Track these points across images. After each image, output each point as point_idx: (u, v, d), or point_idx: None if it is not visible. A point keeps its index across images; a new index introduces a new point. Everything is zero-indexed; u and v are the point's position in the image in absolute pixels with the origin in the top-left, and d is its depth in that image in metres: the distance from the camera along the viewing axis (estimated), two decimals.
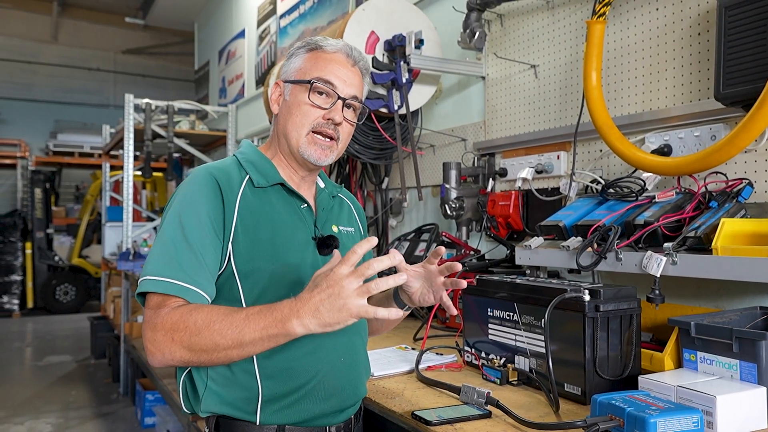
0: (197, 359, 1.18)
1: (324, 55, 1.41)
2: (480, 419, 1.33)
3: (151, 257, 1.26)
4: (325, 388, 1.32)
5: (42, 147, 11.64)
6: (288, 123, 1.40)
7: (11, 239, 10.00)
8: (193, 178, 1.34)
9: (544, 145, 2.41)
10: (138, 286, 1.24)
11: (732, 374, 1.27)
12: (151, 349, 1.19)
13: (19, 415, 4.85)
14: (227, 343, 1.13)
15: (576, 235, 1.84)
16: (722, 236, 1.46)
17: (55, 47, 12.19)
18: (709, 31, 1.82)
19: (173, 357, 1.18)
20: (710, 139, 1.80)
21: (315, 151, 1.38)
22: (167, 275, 1.22)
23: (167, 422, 4.05)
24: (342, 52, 1.42)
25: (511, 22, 2.61)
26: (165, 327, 1.17)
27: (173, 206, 1.30)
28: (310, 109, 1.38)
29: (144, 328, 1.20)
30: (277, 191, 1.39)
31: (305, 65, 1.41)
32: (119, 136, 5.98)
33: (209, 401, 1.30)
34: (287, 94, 1.42)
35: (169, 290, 1.21)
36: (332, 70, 1.39)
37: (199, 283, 1.24)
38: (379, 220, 3.38)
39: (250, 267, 1.29)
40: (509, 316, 1.64)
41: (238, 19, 6.60)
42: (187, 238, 1.25)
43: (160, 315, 1.19)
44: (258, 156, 1.43)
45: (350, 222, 1.56)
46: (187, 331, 1.15)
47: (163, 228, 1.29)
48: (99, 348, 6.63)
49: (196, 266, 1.24)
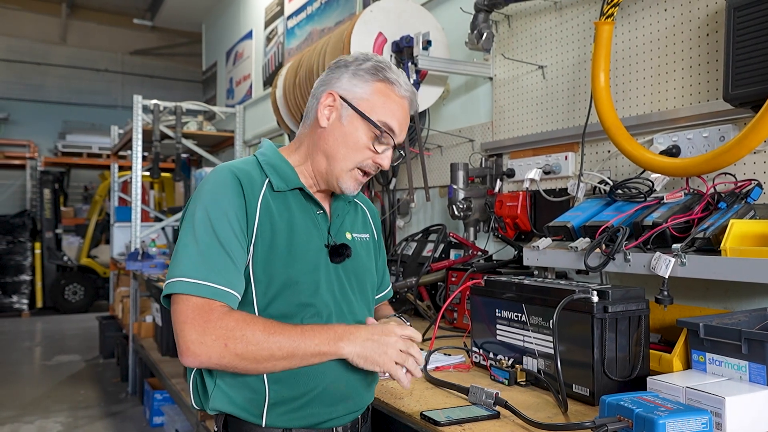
0: (242, 366, 1.21)
1: (395, 97, 1.36)
2: (488, 420, 1.33)
3: (183, 257, 1.23)
4: (333, 393, 1.32)
5: (51, 148, 11.71)
6: (339, 152, 1.35)
7: (20, 239, 10.06)
8: (217, 177, 1.31)
9: (552, 145, 2.41)
10: (170, 286, 1.22)
11: (741, 375, 1.27)
12: (195, 351, 1.18)
13: (30, 414, 4.89)
14: (282, 354, 1.20)
15: (584, 236, 1.84)
16: (731, 237, 1.46)
17: (64, 48, 12.26)
18: (718, 31, 1.82)
19: (220, 362, 1.19)
20: (719, 140, 1.79)
21: (352, 185, 1.37)
22: (205, 278, 1.21)
23: (176, 422, 4.07)
24: (408, 100, 1.38)
25: (519, 23, 2.61)
26: (217, 333, 1.18)
27: (200, 204, 1.28)
28: (367, 150, 1.35)
29: (185, 329, 1.19)
30: (295, 195, 1.37)
31: (374, 99, 1.35)
32: (127, 136, 6.01)
33: (217, 400, 1.30)
34: (344, 118, 1.35)
35: (211, 294, 1.20)
36: (398, 118, 1.36)
37: (234, 284, 1.24)
38: (387, 221, 3.39)
39: (266, 272, 1.29)
40: (517, 317, 1.64)
41: (246, 20, 6.62)
42: (219, 238, 1.24)
43: (210, 320, 1.19)
44: (279, 159, 1.40)
45: (365, 228, 1.54)
46: (244, 340, 1.18)
47: (193, 226, 1.25)
48: (108, 347, 6.67)
49: (231, 267, 1.24)
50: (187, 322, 1.19)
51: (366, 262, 1.48)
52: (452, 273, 2.52)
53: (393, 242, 3.33)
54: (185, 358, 1.20)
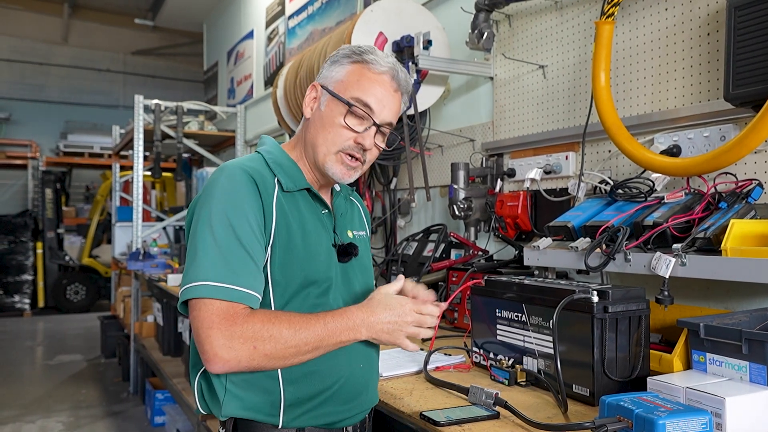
0: (270, 365, 1.21)
1: (369, 74, 1.34)
2: (488, 420, 1.33)
3: (203, 259, 1.20)
4: (346, 392, 1.33)
5: (52, 147, 11.73)
6: (318, 136, 1.35)
7: (22, 239, 10.08)
8: (231, 176, 1.27)
9: (552, 145, 2.40)
10: (190, 290, 1.19)
11: (741, 376, 1.27)
12: (224, 357, 1.16)
13: (31, 414, 4.90)
14: (307, 348, 1.22)
15: (584, 236, 1.84)
16: (732, 237, 1.46)
17: (66, 48, 12.28)
18: (719, 31, 1.82)
19: (250, 364, 1.19)
20: (720, 139, 1.79)
21: (340, 170, 1.35)
22: (228, 281, 1.19)
23: (177, 421, 4.07)
24: (388, 75, 1.35)
25: (520, 22, 2.60)
26: (245, 336, 1.17)
27: (216, 205, 1.24)
28: (343, 130, 1.33)
29: (212, 335, 1.16)
30: (303, 195, 1.37)
31: (348, 79, 1.34)
32: (129, 136, 6.02)
33: (230, 405, 1.27)
34: (323, 104, 1.36)
35: (235, 298, 1.19)
36: (374, 92, 1.33)
37: (255, 286, 1.23)
38: (388, 221, 3.39)
39: (283, 273, 1.28)
40: (517, 317, 1.64)
41: (247, 20, 6.62)
42: (240, 239, 1.21)
43: (236, 323, 1.17)
44: (285, 158, 1.39)
45: (361, 225, 1.55)
46: (272, 340, 1.18)
47: (210, 228, 1.22)
48: (109, 347, 6.67)
49: (253, 269, 1.22)
50: (213, 327, 1.16)
51: (365, 259, 1.49)
52: (453, 273, 2.52)
53: (394, 242, 3.33)
54: (214, 365, 1.17)
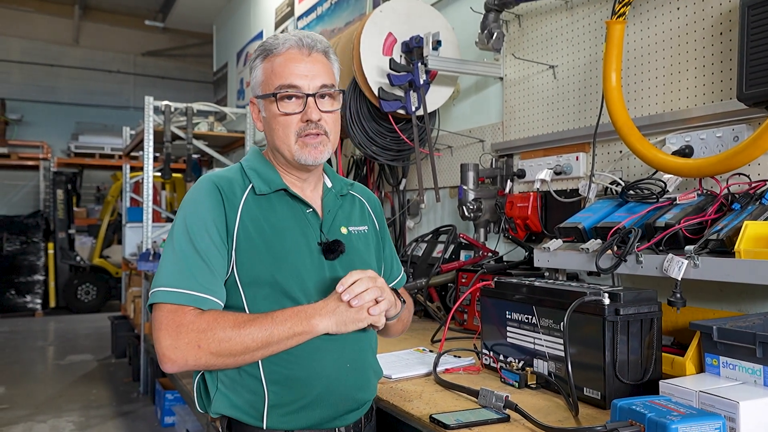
0: (222, 363, 1.24)
1: (277, 59, 1.37)
2: (498, 423, 1.32)
3: (162, 267, 1.30)
4: (332, 394, 1.32)
5: (64, 148, 11.82)
6: (275, 138, 1.39)
7: (34, 239, 10.16)
8: (196, 187, 1.37)
9: (563, 146, 2.39)
10: (151, 296, 1.27)
11: (755, 379, 1.25)
12: (171, 357, 1.22)
13: (42, 413, 4.93)
14: (256, 344, 1.23)
15: (595, 238, 1.83)
16: (745, 239, 1.44)
17: (77, 50, 12.36)
18: (732, 30, 1.80)
19: (197, 363, 1.23)
20: (733, 140, 1.77)
21: (310, 153, 1.37)
22: (181, 286, 1.26)
23: (186, 422, 4.09)
24: (294, 48, 1.37)
25: (530, 22, 2.59)
26: (190, 336, 1.21)
27: (180, 216, 1.34)
28: (285, 119, 1.37)
29: (159, 336, 1.23)
30: (280, 197, 1.39)
31: (265, 76, 1.39)
32: (139, 137, 6.04)
33: (219, 403, 1.32)
34: (263, 110, 1.42)
35: (184, 301, 1.25)
36: (290, 70, 1.36)
37: (212, 290, 1.27)
38: (397, 222, 3.38)
39: (252, 275, 1.31)
40: (528, 318, 1.63)
41: (256, 21, 6.64)
42: (196, 246, 1.28)
43: (182, 324, 1.22)
44: (261, 163, 1.43)
45: (363, 220, 1.53)
46: (216, 338, 1.22)
47: (172, 237, 1.32)
48: (119, 347, 6.71)
49: (208, 273, 1.28)
50: (161, 329, 1.23)
51: (365, 255, 1.47)
52: (462, 274, 2.51)
53: (403, 243, 3.32)
54: (164, 365, 1.23)
